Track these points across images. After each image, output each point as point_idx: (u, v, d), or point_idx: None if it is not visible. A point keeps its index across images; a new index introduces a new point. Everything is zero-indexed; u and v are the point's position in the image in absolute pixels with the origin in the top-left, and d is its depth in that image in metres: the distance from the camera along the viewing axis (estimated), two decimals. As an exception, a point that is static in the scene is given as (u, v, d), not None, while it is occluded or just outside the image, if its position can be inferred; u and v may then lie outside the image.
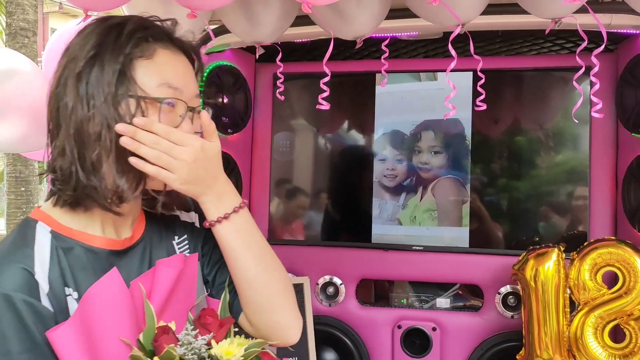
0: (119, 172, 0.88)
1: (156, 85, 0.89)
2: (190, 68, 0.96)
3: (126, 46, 0.88)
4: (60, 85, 0.89)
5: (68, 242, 0.90)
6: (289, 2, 1.28)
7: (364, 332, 2.07)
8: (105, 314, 0.86)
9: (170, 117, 0.90)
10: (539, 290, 1.75)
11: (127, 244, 0.96)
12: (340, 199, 2.18)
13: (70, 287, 0.87)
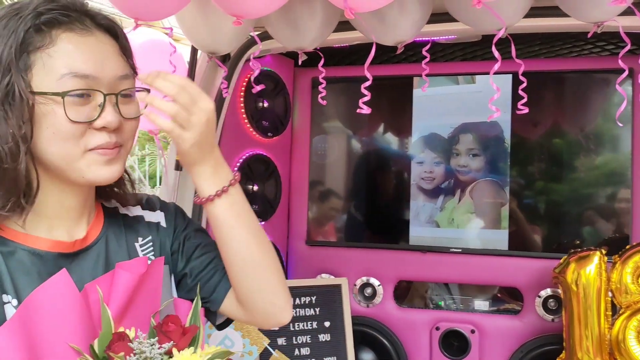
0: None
1: (57, 78, 0.78)
2: (110, 47, 0.84)
3: (19, 39, 0.78)
4: None
5: (9, 246, 0.83)
6: (331, 9, 1.32)
7: (402, 333, 2.08)
8: (50, 319, 0.79)
9: (84, 110, 0.80)
10: (580, 294, 1.74)
11: (79, 245, 0.89)
12: (378, 201, 2.20)
13: (9, 294, 0.80)
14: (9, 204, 0.80)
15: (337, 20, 1.38)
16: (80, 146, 0.81)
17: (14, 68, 0.77)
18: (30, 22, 0.79)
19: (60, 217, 0.87)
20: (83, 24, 0.82)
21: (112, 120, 0.81)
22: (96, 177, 0.83)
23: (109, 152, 0.83)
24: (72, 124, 0.79)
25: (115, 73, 0.83)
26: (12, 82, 0.77)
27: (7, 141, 0.77)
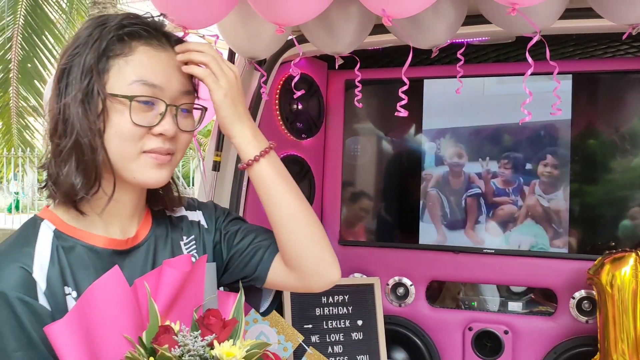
0: (77, 169, 0.88)
1: (129, 83, 0.88)
2: (177, 65, 0.94)
3: (102, 45, 0.88)
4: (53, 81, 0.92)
5: (70, 242, 0.90)
6: (367, 14, 1.35)
7: (434, 333, 2.10)
8: (105, 311, 0.85)
9: (147, 116, 0.89)
10: (615, 296, 1.73)
11: (131, 243, 0.96)
12: (411, 201, 2.22)
13: (70, 286, 0.87)
14: (89, 188, 0.88)
15: (372, 25, 1.42)
16: (137, 148, 0.89)
17: (95, 70, 0.87)
18: (114, 32, 0.89)
19: (115, 216, 0.95)
20: (160, 41, 0.92)
21: (170, 129, 0.90)
22: (146, 178, 0.91)
23: (161, 158, 0.91)
24: (134, 126, 0.88)
25: (179, 88, 0.93)
26: (92, 82, 0.87)
27: (86, 134, 0.86)
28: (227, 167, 1.84)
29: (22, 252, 0.87)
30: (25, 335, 0.83)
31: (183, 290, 0.94)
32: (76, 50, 0.89)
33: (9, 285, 0.83)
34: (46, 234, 0.89)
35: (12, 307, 0.82)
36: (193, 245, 1.04)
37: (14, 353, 0.82)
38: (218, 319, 0.90)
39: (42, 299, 0.85)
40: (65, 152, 0.88)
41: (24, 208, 9.68)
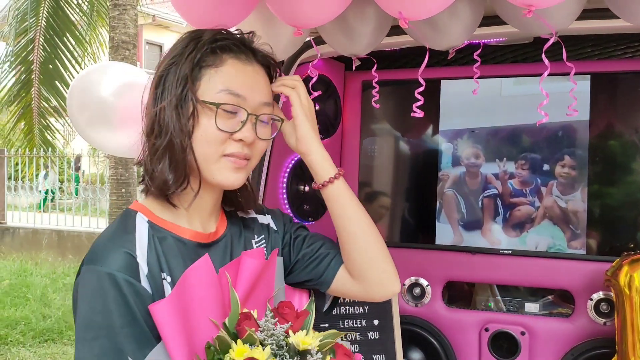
0: (170, 167, 0.98)
1: (217, 92, 0.98)
2: (262, 77, 1.05)
3: (197, 56, 0.98)
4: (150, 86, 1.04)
5: (162, 232, 1.00)
6: (384, 16, 1.36)
7: (451, 333, 2.10)
8: (198, 295, 0.94)
9: (230, 122, 0.99)
10: (633, 297, 1.72)
11: (212, 238, 1.06)
12: (427, 201, 2.22)
13: (165, 271, 0.96)
14: (179, 184, 0.99)
15: (389, 26, 1.43)
16: (219, 150, 0.99)
17: (189, 78, 0.97)
18: (208, 45, 1.00)
19: (197, 211, 1.05)
20: (247, 56, 1.03)
21: (249, 136, 1.00)
22: (224, 179, 1.01)
23: (238, 162, 1.01)
24: (218, 130, 0.98)
25: (261, 99, 1.03)
26: (186, 89, 0.97)
27: (179, 135, 0.97)
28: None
29: (126, 238, 0.96)
30: (130, 313, 0.91)
31: (258, 280, 1.04)
32: (173, 60, 1.00)
33: (116, 267, 0.92)
34: (142, 224, 0.99)
35: (120, 287, 0.91)
36: (263, 243, 1.15)
37: (121, 329, 0.90)
38: (291, 309, 0.98)
39: (144, 281, 0.94)
40: (160, 151, 0.98)
41: (46, 208, 9.85)
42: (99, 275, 0.91)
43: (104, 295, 0.90)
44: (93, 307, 0.91)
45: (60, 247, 8.60)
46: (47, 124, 7.35)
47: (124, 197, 6.37)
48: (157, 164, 0.98)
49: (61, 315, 5.78)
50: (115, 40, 6.35)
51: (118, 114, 1.67)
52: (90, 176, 11.70)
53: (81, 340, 0.91)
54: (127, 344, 0.90)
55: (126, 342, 0.90)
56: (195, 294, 0.94)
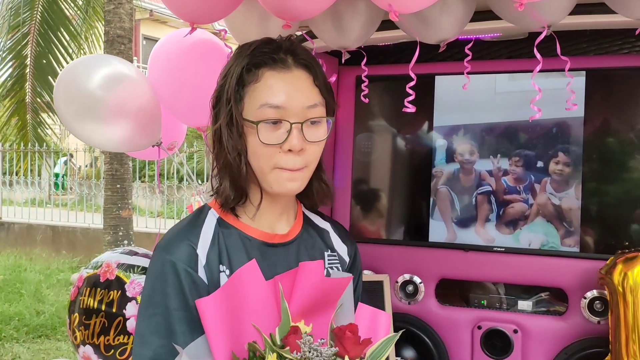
0: (231, 184, 1.06)
1: (257, 108, 1.01)
2: (304, 81, 1.04)
3: (238, 75, 1.02)
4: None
5: (229, 228, 1.07)
6: (374, 10, 1.34)
7: (443, 331, 2.08)
8: (244, 299, 0.98)
9: (276, 135, 1.01)
10: (627, 296, 1.70)
11: (279, 239, 1.11)
12: (421, 198, 2.20)
13: (225, 265, 1.04)
14: (239, 199, 1.06)
15: (380, 20, 1.41)
16: (270, 163, 1.03)
17: (233, 98, 1.02)
18: (245, 63, 1.03)
19: (266, 214, 1.10)
20: (285, 64, 1.03)
21: (296, 144, 1.01)
22: (280, 189, 1.05)
23: (292, 173, 1.03)
24: (264, 145, 1.01)
25: (304, 103, 1.02)
26: (231, 109, 1.02)
27: (233, 153, 1.03)
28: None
29: (192, 232, 1.05)
30: (184, 299, 1.00)
31: (321, 295, 1.03)
32: (223, 80, 1.05)
33: (178, 257, 1.01)
34: (211, 220, 1.07)
35: (178, 274, 1.00)
36: (336, 259, 1.18)
37: (175, 312, 1.00)
38: (354, 334, 0.95)
39: (201, 272, 1.02)
40: (221, 168, 1.06)
41: (41, 202, 9.81)
42: (163, 261, 1.02)
43: (165, 280, 1.01)
44: (155, 288, 1.02)
45: (54, 243, 8.57)
46: (40, 119, 7.31)
47: (119, 192, 6.32)
48: (221, 181, 1.07)
49: (55, 311, 5.76)
50: (110, 35, 6.30)
51: (106, 107, 1.64)
52: (86, 172, 11.67)
53: (141, 315, 1.02)
54: (178, 325, 0.99)
55: (178, 323, 0.99)
56: (241, 296, 0.99)
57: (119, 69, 1.70)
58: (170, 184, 8.38)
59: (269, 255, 1.08)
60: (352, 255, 1.22)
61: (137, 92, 1.66)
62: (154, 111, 1.74)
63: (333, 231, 1.22)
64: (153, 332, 1.00)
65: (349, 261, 1.20)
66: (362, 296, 1.25)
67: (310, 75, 1.05)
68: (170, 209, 8.65)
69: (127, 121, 1.69)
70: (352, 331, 0.95)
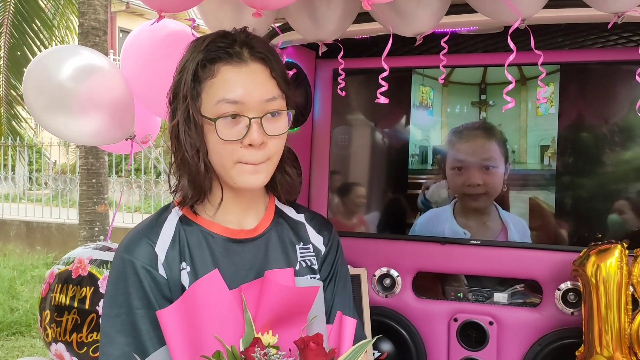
0: (189, 182, 1.04)
1: (214, 104, 1.00)
2: (260, 74, 1.02)
3: (193, 72, 1.01)
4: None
5: (192, 226, 1.07)
6: (350, 1, 1.33)
7: (420, 323, 2.09)
8: (205, 309, 0.98)
9: (235, 130, 1.00)
10: (600, 287, 1.73)
11: (245, 235, 1.09)
12: (398, 192, 2.21)
13: (186, 262, 1.04)
14: (197, 197, 1.05)
15: (356, 12, 1.40)
16: (232, 159, 1.01)
17: (189, 95, 1.00)
18: (199, 59, 1.00)
19: (231, 209, 1.09)
20: (240, 57, 1.01)
21: (256, 139, 0.99)
22: (244, 183, 1.03)
23: (255, 167, 1.02)
24: (224, 142, 0.99)
25: (262, 97, 1.00)
26: (188, 107, 1.00)
27: (189, 150, 1.01)
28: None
29: (151, 231, 1.05)
30: (145, 297, 1.01)
31: (290, 305, 1.02)
32: (179, 76, 1.04)
33: (137, 256, 1.02)
34: (174, 218, 1.07)
35: (138, 274, 1.01)
36: (307, 253, 1.16)
37: (138, 310, 1.01)
38: (319, 345, 0.92)
39: (161, 269, 1.03)
40: (179, 165, 1.05)
41: (15, 198, 9.63)
42: (123, 261, 1.03)
43: (125, 279, 1.02)
44: (117, 288, 1.03)
45: (29, 239, 8.42)
46: (15, 112, 7.16)
47: (95, 187, 6.23)
48: (179, 178, 1.06)
49: (29, 308, 5.66)
50: (84, 27, 6.18)
51: (77, 99, 1.61)
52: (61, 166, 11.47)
53: (106, 315, 1.03)
54: (143, 324, 1.00)
55: (142, 321, 1.00)
56: (203, 305, 0.98)
57: (90, 60, 1.67)
58: (148, 179, 8.29)
59: (235, 251, 1.07)
60: (328, 244, 1.20)
61: (109, 84, 1.63)
62: (126, 104, 1.71)
63: (308, 223, 1.20)
64: (119, 332, 1.01)
65: (324, 251, 1.18)
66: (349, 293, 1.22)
67: (267, 68, 1.03)
68: (148, 203, 8.56)
69: (99, 114, 1.66)
70: (316, 342, 0.92)
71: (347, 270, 1.24)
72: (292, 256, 1.13)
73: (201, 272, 1.04)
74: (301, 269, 1.13)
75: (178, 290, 1.03)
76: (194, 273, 1.04)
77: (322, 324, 1.09)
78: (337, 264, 1.20)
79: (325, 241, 1.19)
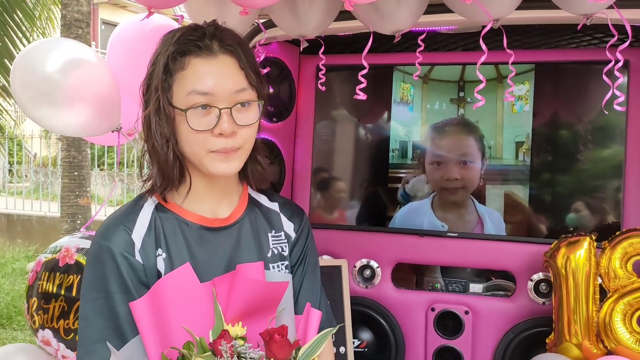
0: (158, 171, 1.08)
1: (185, 95, 1.03)
2: (230, 66, 1.05)
3: (165, 64, 1.03)
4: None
5: (167, 213, 1.10)
6: (332, 0, 1.38)
7: (399, 313, 2.16)
8: (175, 301, 1.02)
9: (206, 120, 1.03)
10: (569, 278, 1.80)
11: (219, 223, 1.13)
12: (378, 186, 2.26)
13: (162, 248, 1.08)
14: (165, 185, 1.08)
15: (338, 9, 1.44)
16: (204, 148, 1.04)
17: (160, 87, 1.03)
18: (170, 52, 1.04)
19: (204, 198, 1.12)
20: (210, 50, 1.04)
21: (226, 128, 1.03)
22: (217, 170, 1.06)
23: (226, 155, 1.05)
24: (195, 132, 1.02)
25: (232, 88, 1.04)
26: (159, 98, 1.04)
27: (160, 140, 1.05)
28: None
29: (127, 218, 1.08)
30: (123, 282, 1.04)
31: (260, 298, 1.06)
32: (152, 68, 1.06)
33: (114, 243, 1.05)
34: (150, 205, 1.10)
35: (115, 259, 1.04)
36: (279, 241, 1.20)
37: (115, 295, 1.04)
38: (283, 337, 0.97)
39: (137, 255, 1.06)
40: (150, 154, 1.08)
41: (-5, 190, 9.51)
42: (100, 247, 1.06)
43: (103, 265, 1.04)
44: (95, 273, 1.05)
45: (9, 232, 8.34)
46: (-5, 103, 7.08)
47: (77, 180, 6.20)
48: (150, 166, 1.09)
49: (10, 301, 5.63)
50: (67, 19, 6.14)
51: (64, 92, 1.63)
52: (42, 159, 11.36)
53: (84, 299, 1.06)
54: (120, 308, 1.03)
55: (119, 306, 1.03)
56: (171, 299, 1.02)
57: (77, 53, 1.69)
58: (131, 172, 8.25)
59: (209, 239, 1.10)
60: (299, 230, 1.23)
61: (96, 77, 1.66)
62: (113, 96, 1.74)
63: (280, 210, 1.23)
64: (97, 314, 1.04)
65: (294, 237, 1.22)
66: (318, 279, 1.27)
67: (236, 60, 1.05)
68: (130, 197, 8.52)
69: (85, 106, 1.68)
70: (280, 334, 0.96)
71: (317, 257, 1.28)
72: (264, 244, 1.16)
73: (176, 258, 1.07)
74: (272, 255, 1.17)
75: (154, 275, 1.06)
76: (170, 259, 1.07)
77: (290, 315, 1.13)
78: (306, 250, 1.24)
79: (296, 227, 1.22)
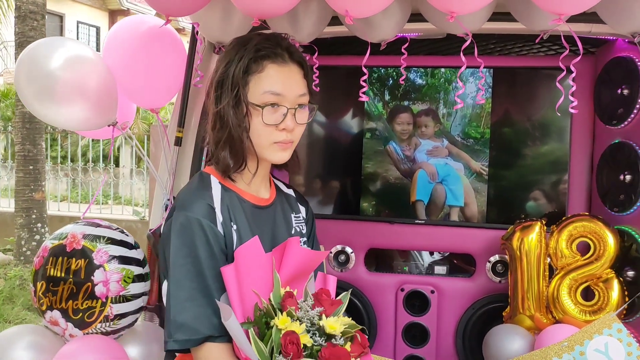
0: (231, 154, 1.25)
1: (261, 93, 1.22)
2: (297, 74, 1.26)
3: (244, 65, 1.22)
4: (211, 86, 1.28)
5: (230, 192, 1.27)
6: (325, 9, 1.54)
7: (371, 294, 2.35)
8: (248, 269, 1.16)
9: (275, 116, 1.23)
10: (523, 258, 2.02)
11: (264, 202, 1.33)
12: (353, 177, 2.45)
13: (233, 221, 1.24)
14: (237, 167, 1.25)
15: (330, 18, 1.61)
16: (269, 139, 1.24)
17: (240, 84, 1.21)
18: (252, 54, 1.23)
19: (255, 181, 1.31)
20: (283, 58, 1.25)
21: (290, 125, 1.23)
22: (276, 158, 1.27)
23: (285, 145, 1.25)
24: (265, 125, 1.22)
25: (297, 92, 1.25)
26: (239, 93, 1.22)
27: (237, 130, 1.23)
28: (187, 142, 1.98)
29: (204, 193, 1.24)
30: (210, 249, 1.18)
31: (302, 266, 1.23)
32: (225, 68, 1.23)
33: (201, 214, 1.19)
34: (216, 184, 1.26)
35: (204, 229, 1.18)
36: (302, 220, 1.42)
37: (204, 260, 1.17)
38: (328, 297, 1.16)
39: (219, 226, 1.21)
40: (223, 141, 1.24)
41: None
42: (188, 219, 1.19)
43: (192, 234, 1.18)
44: (184, 241, 1.18)
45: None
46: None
47: (32, 174, 6.10)
48: (221, 151, 1.25)
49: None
50: (22, 10, 6.03)
51: (64, 88, 1.71)
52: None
53: (174, 265, 1.18)
54: (207, 270, 1.17)
55: (207, 269, 1.17)
56: (246, 267, 1.16)
57: (77, 51, 1.77)
58: (75, 167, 8.10)
59: (258, 216, 1.29)
60: (307, 212, 1.47)
61: (95, 73, 1.74)
62: (110, 92, 1.83)
63: (295, 195, 1.46)
64: (186, 277, 1.17)
65: (306, 217, 1.45)
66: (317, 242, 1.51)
67: (301, 70, 1.28)
68: (75, 192, 8.36)
69: (83, 102, 1.77)
70: (326, 294, 1.17)
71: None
72: (290, 223, 1.38)
73: (243, 231, 1.24)
74: (295, 233, 1.38)
75: (231, 245, 1.21)
76: (239, 232, 1.23)
77: (311, 281, 1.32)
78: (313, 229, 1.48)
79: (305, 210, 1.47)
